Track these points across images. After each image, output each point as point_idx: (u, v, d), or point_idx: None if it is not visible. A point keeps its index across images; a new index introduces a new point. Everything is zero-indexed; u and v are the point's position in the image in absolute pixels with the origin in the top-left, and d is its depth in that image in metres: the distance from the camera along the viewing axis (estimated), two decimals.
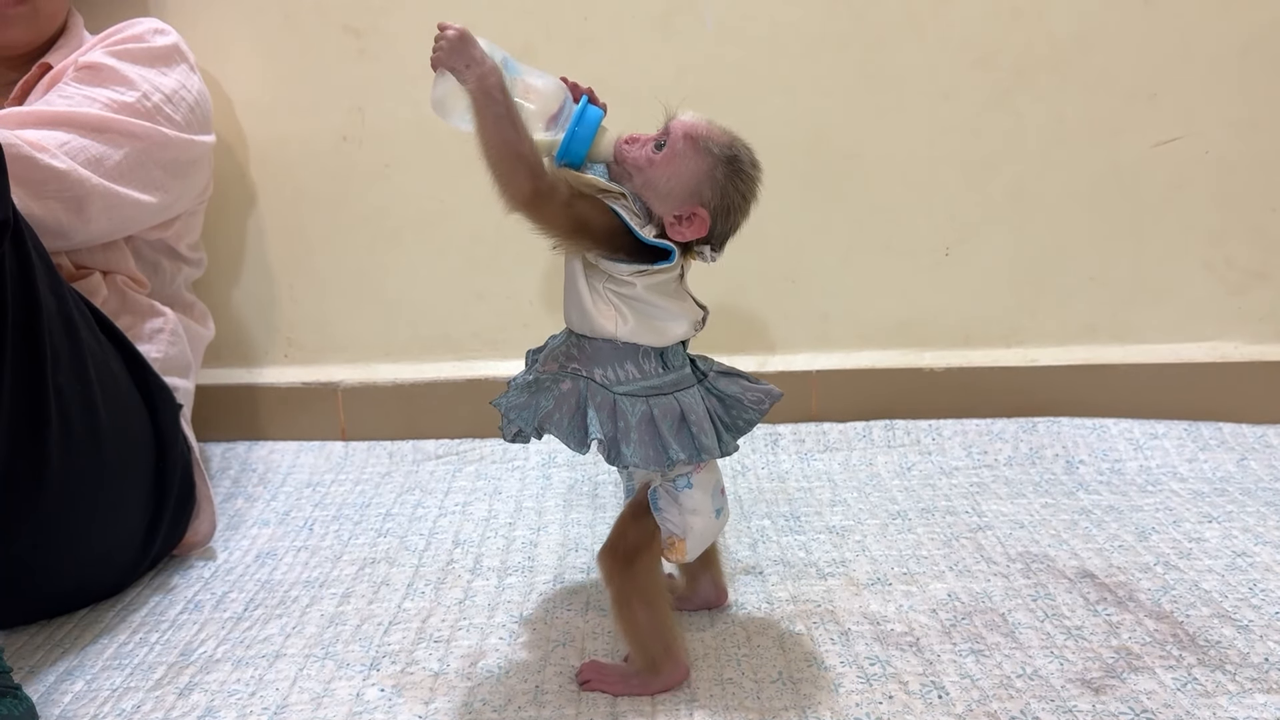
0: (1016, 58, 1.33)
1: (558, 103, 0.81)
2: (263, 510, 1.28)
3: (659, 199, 0.81)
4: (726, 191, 0.81)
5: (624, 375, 0.83)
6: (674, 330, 0.84)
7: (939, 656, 0.90)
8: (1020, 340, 1.44)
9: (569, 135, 0.80)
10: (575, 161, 0.81)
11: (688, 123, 0.81)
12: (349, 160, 1.39)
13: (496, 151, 0.76)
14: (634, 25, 1.33)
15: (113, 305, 1.14)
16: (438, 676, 0.90)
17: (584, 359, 0.84)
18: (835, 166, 1.37)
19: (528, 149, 0.76)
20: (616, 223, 0.80)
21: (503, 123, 0.76)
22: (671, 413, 0.82)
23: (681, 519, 0.85)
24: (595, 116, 0.81)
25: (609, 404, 0.82)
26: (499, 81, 0.76)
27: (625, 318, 0.82)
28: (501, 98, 0.76)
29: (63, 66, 1.14)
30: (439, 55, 0.77)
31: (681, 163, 0.80)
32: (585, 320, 0.83)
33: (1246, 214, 1.37)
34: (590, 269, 0.83)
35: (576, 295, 0.83)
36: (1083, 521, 1.16)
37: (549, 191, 0.77)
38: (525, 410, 0.83)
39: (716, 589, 0.98)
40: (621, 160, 0.82)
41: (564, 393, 0.83)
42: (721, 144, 0.81)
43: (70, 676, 0.92)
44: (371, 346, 1.47)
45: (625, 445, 0.81)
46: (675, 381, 0.84)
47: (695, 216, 0.80)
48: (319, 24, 1.35)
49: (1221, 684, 0.84)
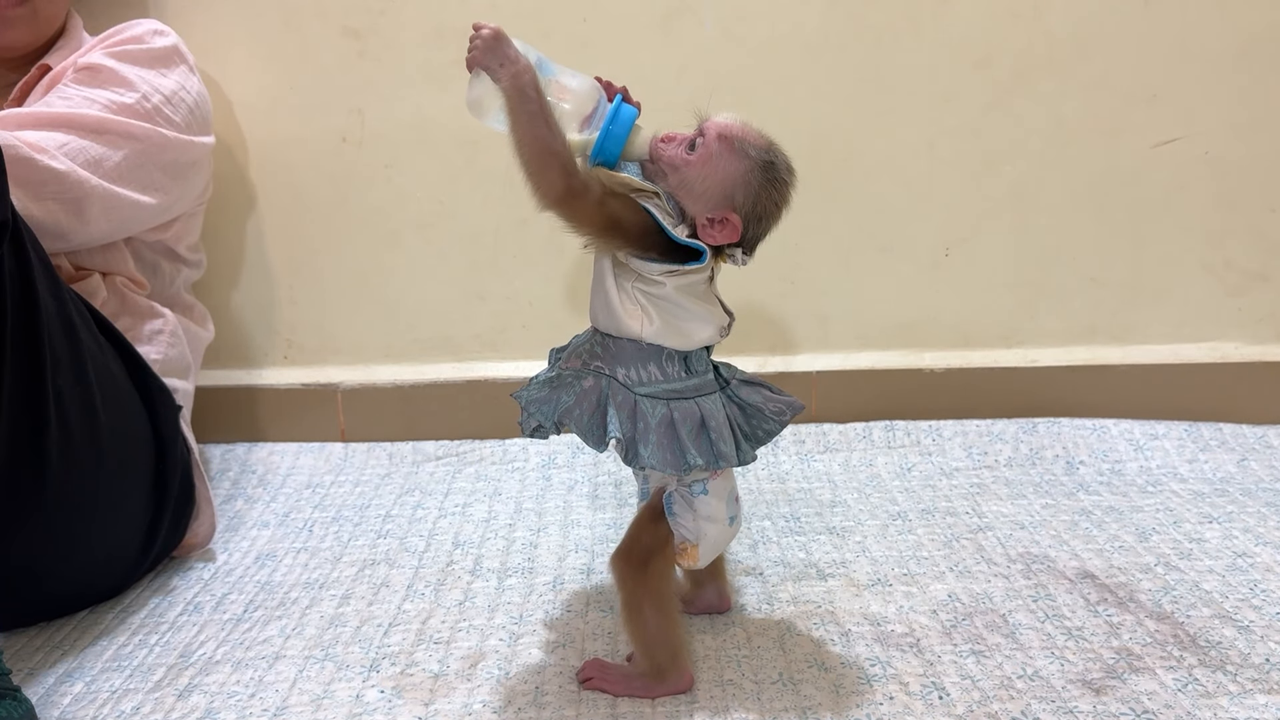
0: (1016, 59, 1.33)
1: (592, 102, 0.80)
2: (262, 512, 1.28)
3: (693, 199, 0.80)
4: (760, 197, 0.80)
5: (646, 376, 0.82)
6: (699, 334, 0.83)
7: (939, 657, 0.90)
8: (1020, 341, 1.44)
9: (603, 134, 0.80)
10: (610, 160, 0.81)
11: (721, 123, 0.80)
12: (349, 162, 1.39)
13: (530, 149, 0.76)
14: (633, 27, 1.33)
15: (112, 307, 1.14)
16: (437, 678, 0.90)
17: (607, 358, 0.83)
18: (835, 167, 1.37)
19: (560, 146, 0.76)
20: (649, 221, 0.79)
21: (536, 120, 0.75)
22: (692, 417, 0.82)
23: (696, 525, 0.85)
24: (629, 115, 0.80)
25: (630, 404, 0.81)
26: (533, 80, 0.76)
27: (651, 318, 0.82)
28: (535, 96, 0.75)
29: (62, 68, 1.14)
30: (474, 55, 0.76)
31: (717, 164, 0.79)
32: (611, 319, 0.83)
33: (1246, 215, 1.38)
34: (620, 268, 0.82)
35: (604, 294, 0.83)
36: (1083, 522, 1.16)
37: (582, 189, 0.77)
38: (545, 405, 0.83)
39: (720, 596, 0.98)
40: (657, 158, 0.81)
41: (585, 390, 0.82)
42: (759, 148, 0.80)
43: (70, 678, 0.92)
44: (371, 348, 1.47)
45: (643, 446, 0.80)
46: (697, 386, 0.83)
47: (727, 221, 0.80)
48: (319, 25, 1.35)
49: (1222, 685, 0.84)
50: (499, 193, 1.38)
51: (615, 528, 1.19)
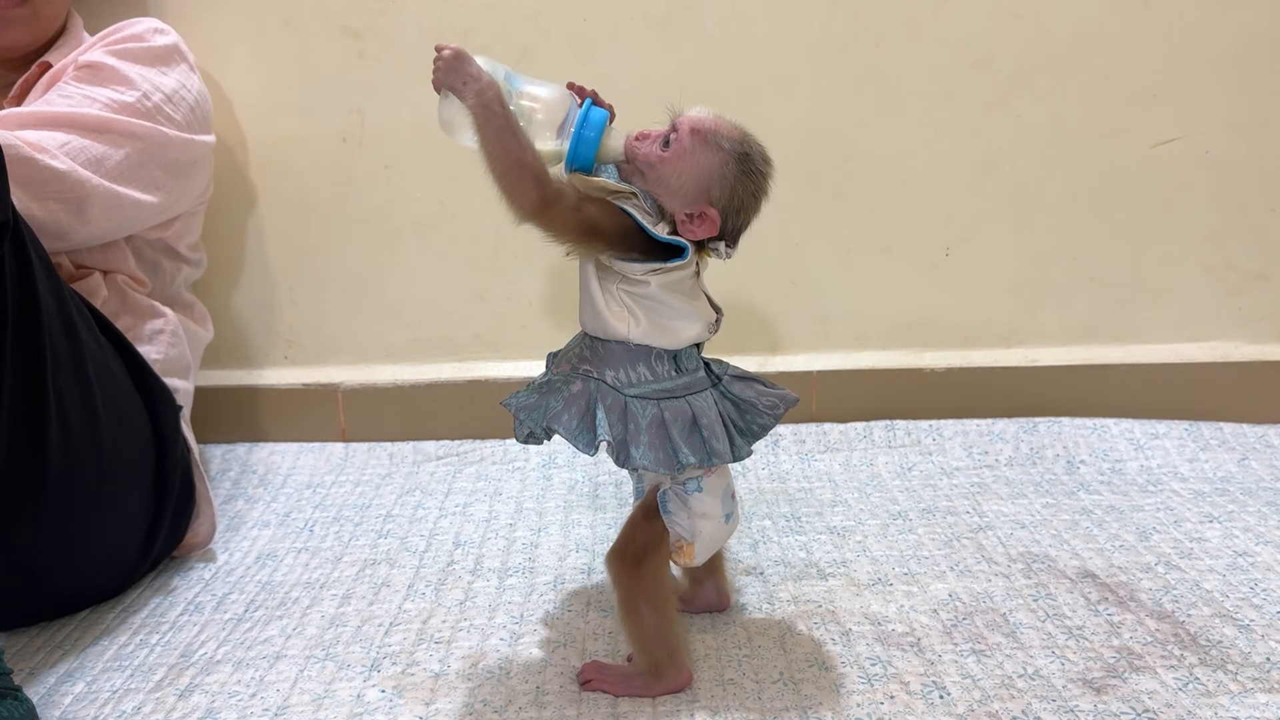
0: (1016, 59, 1.33)
1: (564, 110, 0.80)
2: (263, 512, 1.28)
3: (670, 196, 0.80)
4: (736, 189, 0.80)
5: (636, 377, 0.82)
6: (686, 332, 0.83)
7: (940, 657, 0.90)
8: (1020, 340, 1.44)
9: (575, 139, 0.79)
10: (585, 166, 0.80)
11: (694, 118, 0.80)
12: (349, 161, 1.39)
13: (500, 163, 0.76)
14: (633, 27, 1.33)
15: (113, 306, 1.14)
16: (438, 678, 0.90)
17: (596, 360, 0.83)
18: (835, 167, 1.38)
19: (530, 157, 0.76)
20: (628, 223, 0.79)
21: (504, 134, 0.76)
22: (683, 416, 0.82)
23: (691, 523, 0.85)
24: (599, 118, 0.80)
25: (619, 406, 0.81)
26: (497, 95, 0.76)
27: (638, 319, 0.82)
28: (500, 110, 0.76)
29: (62, 66, 1.13)
30: (437, 76, 0.77)
31: (691, 159, 0.79)
32: (598, 322, 0.83)
33: (1246, 214, 1.38)
34: (603, 271, 0.82)
35: (589, 297, 0.83)
36: (1084, 521, 1.16)
37: (556, 198, 0.77)
38: (535, 411, 0.83)
39: (719, 594, 0.98)
40: (633, 157, 0.81)
41: (574, 394, 0.82)
42: (733, 139, 0.80)
43: (71, 678, 0.92)
44: (371, 348, 1.47)
45: (635, 447, 0.80)
46: (687, 385, 0.83)
47: (705, 216, 0.80)
48: (319, 25, 1.35)
49: (1223, 684, 0.84)
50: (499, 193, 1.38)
51: (616, 527, 1.18)
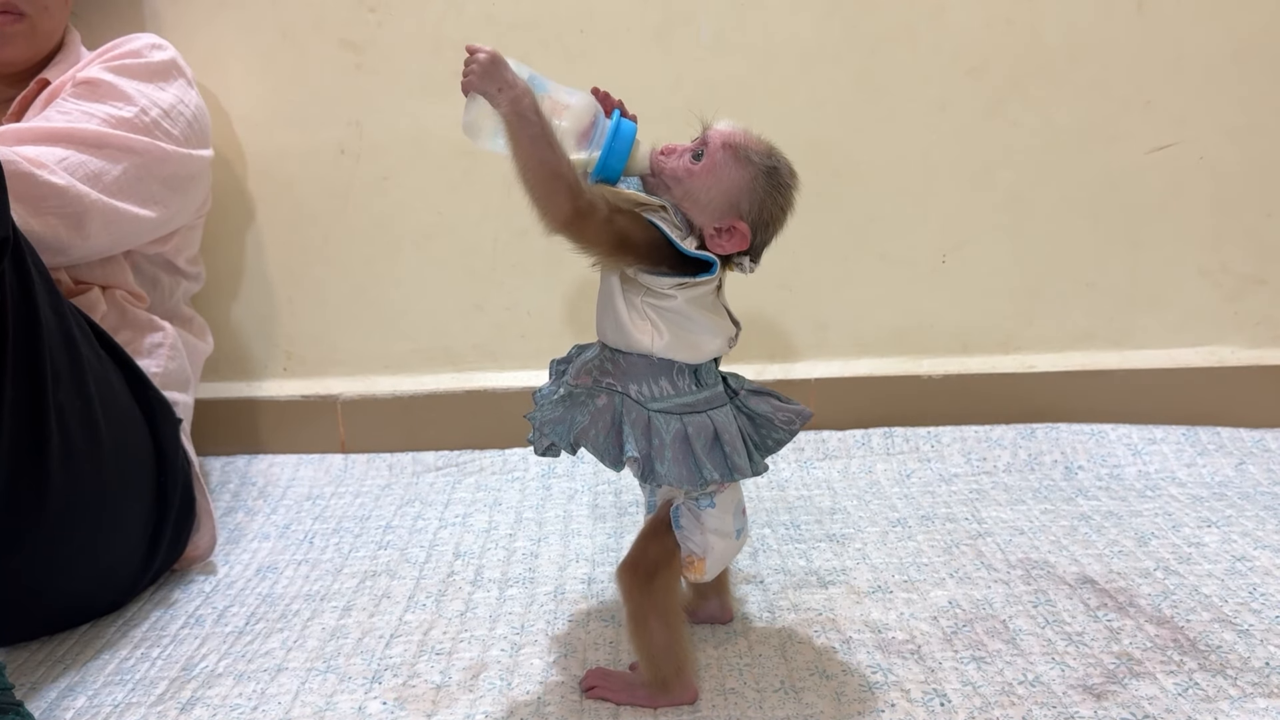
0: (1011, 66, 1.34)
1: (589, 117, 0.79)
2: (263, 524, 1.28)
3: (699, 210, 0.80)
4: (766, 204, 0.80)
5: (658, 391, 0.82)
6: (708, 346, 0.83)
7: (940, 664, 0.90)
8: (1018, 347, 1.44)
9: (605, 151, 0.79)
10: (612, 178, 0.80)
11: (725, 132, 0.80)
12: (347, 173, 1.40)
13: (534, 174, 0.75)
14: (630, 37, 1.34)
15: (112, 320, 1.14)
16: (440, 689, 0.90)
17: (618, 374, 0.82)
18: (832, 176, 1.38)
19: (566, 168, 0.75)
20: (657, 236, 0.79)
21: (539, 143, 0.74)
22: (705, 431, 0.81)
23: (703, 538, 0.85)
24: (629, 130, 0.79)
25: (643, 421, 0.81)
26: (533, 103, 0.75)
27: (661, 332, 0.81)
28: (536, 119, 0.74)
29: (61, 82, 1.14)
30: (470, 80, 0.76)
31: (722, 173, 0.79)
32: (621, 335, 0.82)
33: (1242, 219, 1.38)
34: (628, 283, 0.82)
35: (612, 310, 0.82)
36: (1082, 527, 1.16)
37: (589, 209, 0.75)
38: (560, 425, 0.82)
39: (722, 608, 0.98)
40: (659, 172, 0.81)
41: (600, 408, 0.82)
42: (761, 153, 0.80)
43: (72, 692, 0.92)
44: (370, 359, 1.47)
45: (659, 463, 0.80)
46: (708, 399, 0.83)
47: (735, 230, 0.80)
48: (316, 38, 1.35)
49: (1223, 689, 0.84)
50: (497, 203, 1.39)
51: (616, 537, 1.19)
